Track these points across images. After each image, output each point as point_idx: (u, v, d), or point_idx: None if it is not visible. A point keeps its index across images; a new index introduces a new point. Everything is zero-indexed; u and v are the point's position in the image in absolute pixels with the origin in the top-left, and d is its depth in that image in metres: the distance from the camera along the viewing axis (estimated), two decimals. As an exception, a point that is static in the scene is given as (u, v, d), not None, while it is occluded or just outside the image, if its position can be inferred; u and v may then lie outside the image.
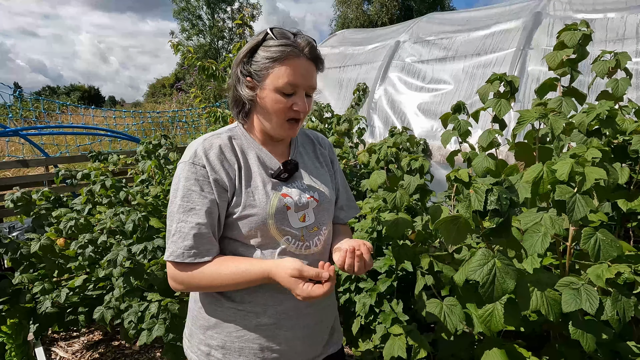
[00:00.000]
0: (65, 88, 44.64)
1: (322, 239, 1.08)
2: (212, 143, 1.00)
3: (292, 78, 0.96)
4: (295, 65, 0.96)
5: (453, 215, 1.10)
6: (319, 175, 1.13)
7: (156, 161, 3.08)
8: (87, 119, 11.34)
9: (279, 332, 1.03)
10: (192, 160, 0.97)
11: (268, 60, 0.95)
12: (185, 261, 0.95)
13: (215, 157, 0.98)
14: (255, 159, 1.04)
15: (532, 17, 3.66)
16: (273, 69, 0.96)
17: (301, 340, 1.06)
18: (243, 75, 1.00)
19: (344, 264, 0.97)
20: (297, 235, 1.03)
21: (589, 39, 1.54)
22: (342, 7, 28.23)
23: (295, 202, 1.02)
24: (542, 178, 1.12)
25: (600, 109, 1.37)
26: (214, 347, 1.04)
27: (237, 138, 1.05)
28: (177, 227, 0.95)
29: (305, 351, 1.09)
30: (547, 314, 1.05)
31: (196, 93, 4.54)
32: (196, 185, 0.96)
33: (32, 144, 5.47)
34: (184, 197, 0.96)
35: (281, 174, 1.03)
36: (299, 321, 1.05)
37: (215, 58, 25.48)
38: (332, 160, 1.24)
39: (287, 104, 0.98)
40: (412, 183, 1.61)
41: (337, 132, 3.53)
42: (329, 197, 1.11)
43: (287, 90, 0.97)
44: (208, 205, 0.96)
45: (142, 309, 1.93)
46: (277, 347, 1.03)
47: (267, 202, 0.99)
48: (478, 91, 1.64)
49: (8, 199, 2.75)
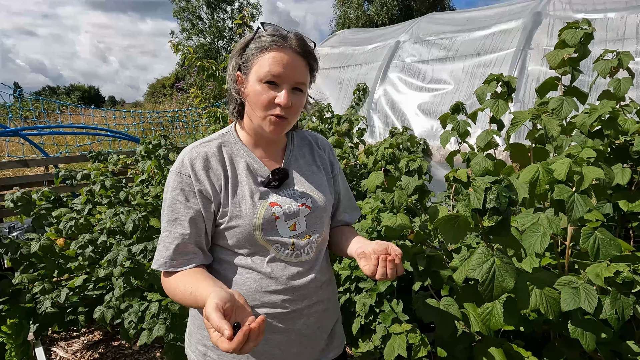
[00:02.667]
0: (65, 88, 44.69)
1: (315, 246, 1.06)
2: (199, 152, 0.99)
3: (273, 67, 0.92)
4: (279, 55, 0.93)
5: (452, 214, 1.11)
6: (314, 181, 1.10)
7: (156, 161, 3.08)
8: (87, 119, 11.35)
9: (273, 336, 1.01)
10: (179, 170, 0.97)
11: (255, 50, 0.94)
12: (168, 270, 0.96)
13: (201, 167, 0.97)
14: (245, 167, 1.02)
15: (532, 17, 3.67)
16: (258, 59, 0.94)
17: (296, 345, 1.04)
18: (234, 69, 1.00)
19: (375, 273, 0.93)
20: (287, 244, 1.01)
21: (590, 38, 1.54)
22: (342, 7, 28.23)
23: (284, 212, 1.00)
24: (539, 178, 1.13)
25: (603, 110, 1.37)
26: (210, 348, 1.03)
27: (227, 145, 1.03)
28: (162, 237, 0.97)
29: (301, 356, 1.06)
30: (546, 312, 1.05)
31: (196, 93, 4.54)
32: (181, 195, 0.96)
33: (32, 144, 5.48)
34: (170, 207, 0.96)
35: (271, 182, 1.01)
36: (294, 326, 1.03)
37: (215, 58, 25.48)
38: (332, 163, 1.20)
39: (269, 96, 0.93)
40: (410, 183, 1.61)
41: (338, 132, 3.53)
42: (324, 203, 1.08)
43: (267, 79, 0.93)
44: (192, 215, 0.95)
45: (143, 309, 1.93)
46: (270, 351, 1.02)
47: (253, 212, 0.97)
48: (475, 92, 1.64)
49: (8, 199, 2.75)
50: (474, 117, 1.71)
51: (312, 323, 1.07)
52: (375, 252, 0.95)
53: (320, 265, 1.08)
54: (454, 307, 1.20)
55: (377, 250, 0.96)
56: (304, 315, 1.05)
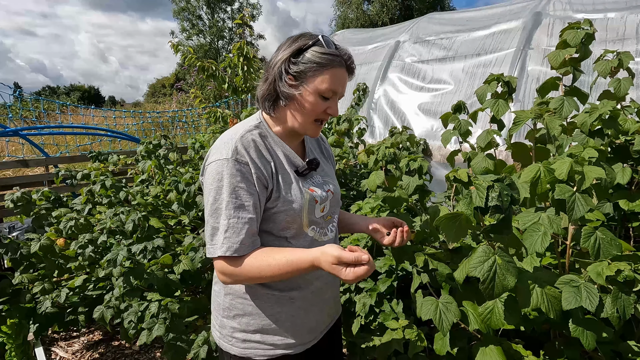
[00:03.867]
0: (65, 88, 44.69)
1: (334, 226, 1.23)
2: (249, 140, 1.05)
3: (334, 85, 1.04)
4: (338, 74, 1.04)
5: (454, 213, 1.11)
6: (327, 170, 1.25)
7: (156, 161, 3.08)
8: (87, 119, 11.35)
9: (311, 309, 1.17)
10: (235, 157, 1.01)
11: (315, 64, 1.01)
12: (242, 254, 1.01)
13: (256, 155, 1.04)
14: (284, 156, 1.11)
15: (532, 17, 3.67)
16: (319, 74, 1.02)
17: (325, 313, 1.23)
18: (286, 72, 1.04)
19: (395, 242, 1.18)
20: (320, 224, 1.15)
21: (592, 38, 1.54)
22: (342, 7, 28.23)
23: (320, 196, 1.13)
24: (540, 178, 1.13)
25: (603, 109, 1.37)
26: (250, 332, 1.12)
27: (265, 135, 1.11)
28: (229, 223, 1.00)
29: (326, 321, 1.26)
30: (547, 311, 1.05)
31: (196, 93, 4.53)
32: (242, 182, 1.00)
33: (32, 144, 5.48)
34: (232, 194, 0.99)
35: (304, 170, 1.12)
36: (323, 297, 1.21)
37: (215, 58, 25.51)
38: (332, 156, 1.36)
39: (323, 107, 1.06)
40: (411, 183, 1.61)
41: (337, 132, 3.53)
42: (338, 189, 1.24)
43: (327, 95, 1.04)
44: (254, 200, 1.02)
45: (142, 309, 1.93)
46: (307, 323, 1.16)
47: (301, 197, 1.08)
48: (476, 92, 1.64)
49: (8, 199, 2.75)
50: (474, 117, 1.71)
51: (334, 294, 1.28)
52: (386, 226, 1.22)
53: (335, 242, 1.25)
54: (453, 305, 1.20)
55: (386, 225, 1.22)
56: (330, 287, 1.23)
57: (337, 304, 1.34)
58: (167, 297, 1.97)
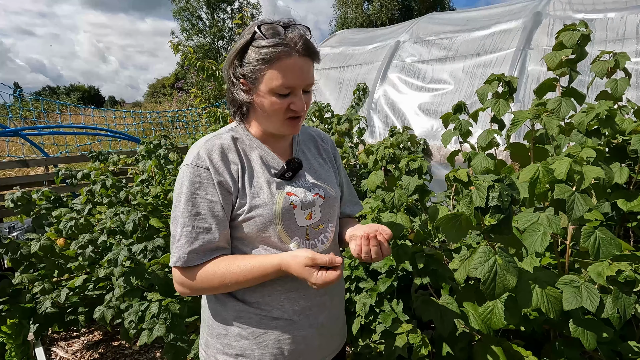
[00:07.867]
0: (65, 88, 44.62)
1: (330, 236, 1.07)
2: (214, 144, 0.98)
3: (286, 80, 0.91)
4: (288, 65, 0.90)
5: (454, 213, 1.11)
6: (323, 172, 1.12)
7: (156, 161, 3.08)
8: (87, 119, 11.34)
9: (298, 332, 1.02)
10: (195, 162, 0.95)
11: (259, 62, 0.90)
12: (194, 264, 0.94)
13: (219, 159, 0.96)
14: (258, 159, 1.02)
15: (532, 17, 3.67)
16: (266, 72, 0.91)
17: (318, 337, 1.06)
18: (236, 77, 0.96)
19: (361, 252, 0.95)
20: (305, 234, 1.02)
21: (587, 40, 1.55)
22: (342, 7, 28.23)
23: (301, 201, 1.00)
24: (539, 178, 1.13)
25: (600, 109, 1.37)
26: (232, 356, 1.02)
27: (239, 138, 1.03)
28: (182, 232, 0.94)
29: (323, 348, 1.09)
30: (548, 311, 1.05)
31: (196, 93, 4.54)
32: (201, 188, 0.94)
33: (32, 144, 5.48)
34: (189, 201, 0.94)
35: (285, 173, 1.01)
36: (316, 319, 1.05)
37: (215, 58, 25.46)
38: (335, 156, 1.22)
39: (284, 105, 0.94)
40: (411, 183, 1.61)
41: (338, 132, 3.53)
42: (334, 193, 1.10)
43: (282, 92, 0.93)
44: (213, 208, 0.94)
45: (143, 309, 1.93)
46: (295, 348, 1.02)
47: (272, 201, 0.97)
48: (477, 91, 1.65)
49: (8, 199, 2.75)
50: (475, 117, 1.71)
51: (332, 314, 1.10)
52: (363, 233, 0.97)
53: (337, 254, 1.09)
54: (453, 305, 1.21)
55: (366, 232, 0.97)
56: (322, 311, 1.06)
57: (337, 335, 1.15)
58: (168, 297, 1.97)
